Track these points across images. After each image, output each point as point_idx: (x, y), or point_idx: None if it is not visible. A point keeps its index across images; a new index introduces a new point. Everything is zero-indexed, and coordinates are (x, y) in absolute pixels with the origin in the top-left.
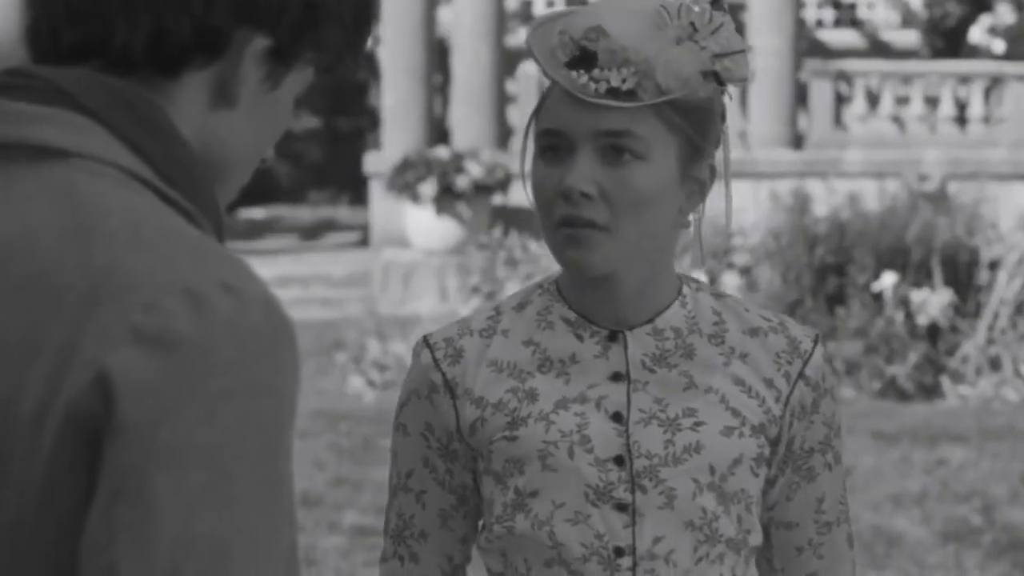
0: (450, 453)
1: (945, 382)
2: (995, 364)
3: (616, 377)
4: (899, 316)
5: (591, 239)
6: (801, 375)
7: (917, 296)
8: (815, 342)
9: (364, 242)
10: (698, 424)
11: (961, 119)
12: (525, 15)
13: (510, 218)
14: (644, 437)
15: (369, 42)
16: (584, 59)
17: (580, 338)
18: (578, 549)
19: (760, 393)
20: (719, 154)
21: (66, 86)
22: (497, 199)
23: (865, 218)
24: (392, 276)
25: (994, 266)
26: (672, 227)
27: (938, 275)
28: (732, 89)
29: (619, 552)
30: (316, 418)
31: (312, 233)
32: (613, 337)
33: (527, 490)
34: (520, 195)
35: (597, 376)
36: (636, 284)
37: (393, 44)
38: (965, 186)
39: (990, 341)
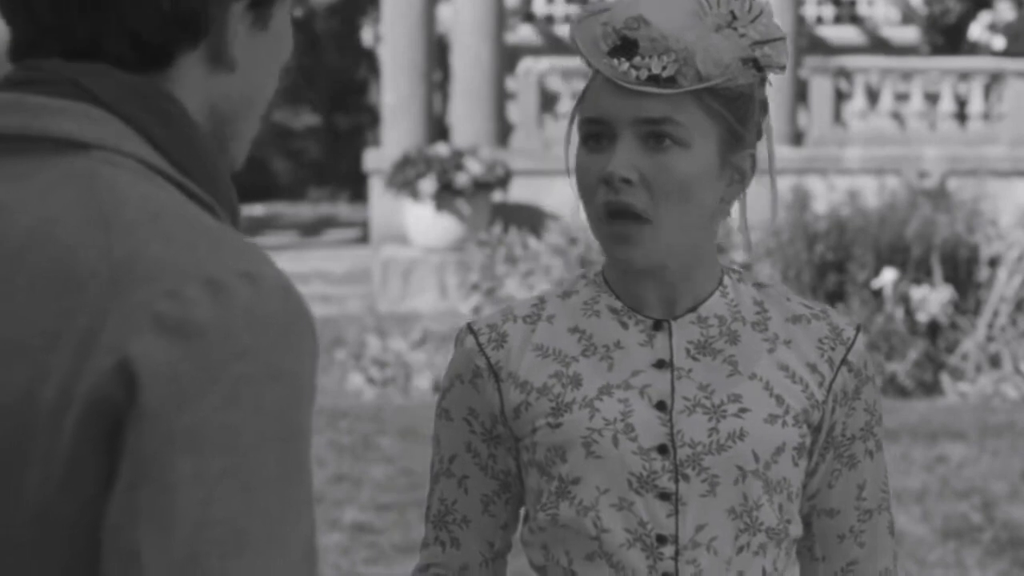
0: (494, 438)
1: (945, 379)
2: (995, 361)
3: (660, 365)
4: (899, 313)
5: (635, 236)
6: (844, 361)
7: (917, 293)
8: (857, 330)
9: (364, 239)
10: (743, 411)
11: (961, 116)
12: (525, 12)
13: (510, 215)
14: (688, 426)
15: (369, 40)
16: (625, 47)
17: (625, 326)
18: (622, 535)
19: (804, 378)
20: (762, 147)
21: (83, 80)
22: (497, 196)
23: (865, 215)
24: (392, 273)
25: (994, 263)
26: (712, 215)
27: (938, 272)
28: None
29: (661, 540)
30: (316, 415)
31: (312, 230)
32: (658, 326)
33: (570, 477)
34: (520, 192)
35: (641, 363)
36: (680, 273)
37: (393, 41)
38: (965, 183)
39: (990, 338)
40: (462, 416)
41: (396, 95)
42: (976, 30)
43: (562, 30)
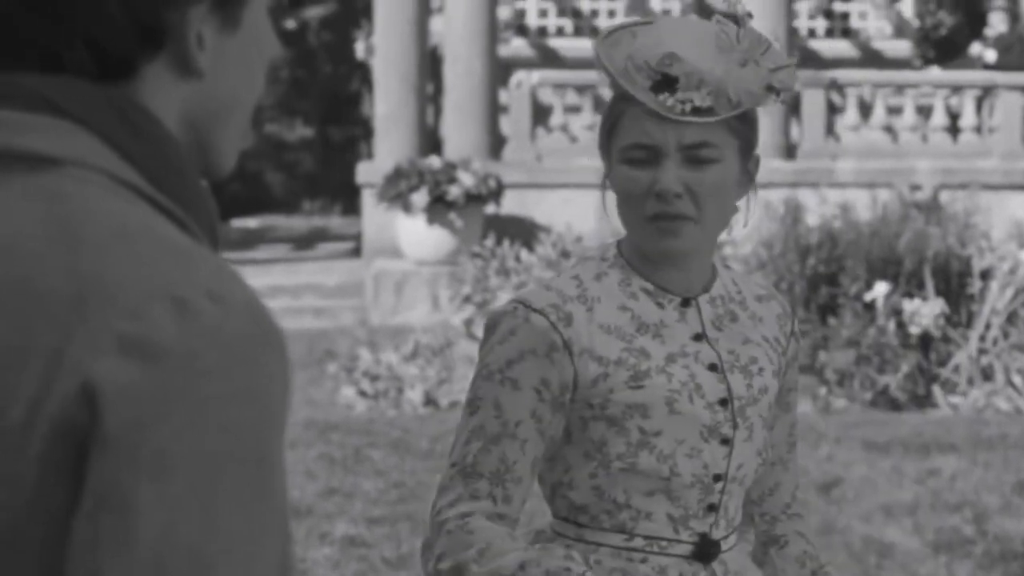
0: (559, 405)
1: (937, 392)
2: (987, 374)
3: (697, 337)
4: (891, 326)
5: (681, 229)
6: (793, 332)
7: (909, 306)
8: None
9: (357, 252)
10: (761, 370)
11: (953, 129)
12: (518, 25)
13: (502, 228)
14: (734, 382)
15: (362, 52)
16: (666, 82)
17: (661, 306)
18: (688, 479)
19: (776, 348)
20: None
21: (52, 93)
22: (489, 209)
23: (857, 228)
24: (384, 286)
25: (986, 276)
26: (732, 213)
27: (930, 285)
28: None
29: (717, 478)
30: (307, 428)
31: (305, 243)
32: (685, 303)
33: (652, 431)
34: (512, 204)
35: (683, 337)
36: (700, 261)
37: (386, 53)
38: (957, 196)
39: (982, 351)
40: (532, 386)
41: (388, 107)
42: (976, 47)
43: (555, 43)
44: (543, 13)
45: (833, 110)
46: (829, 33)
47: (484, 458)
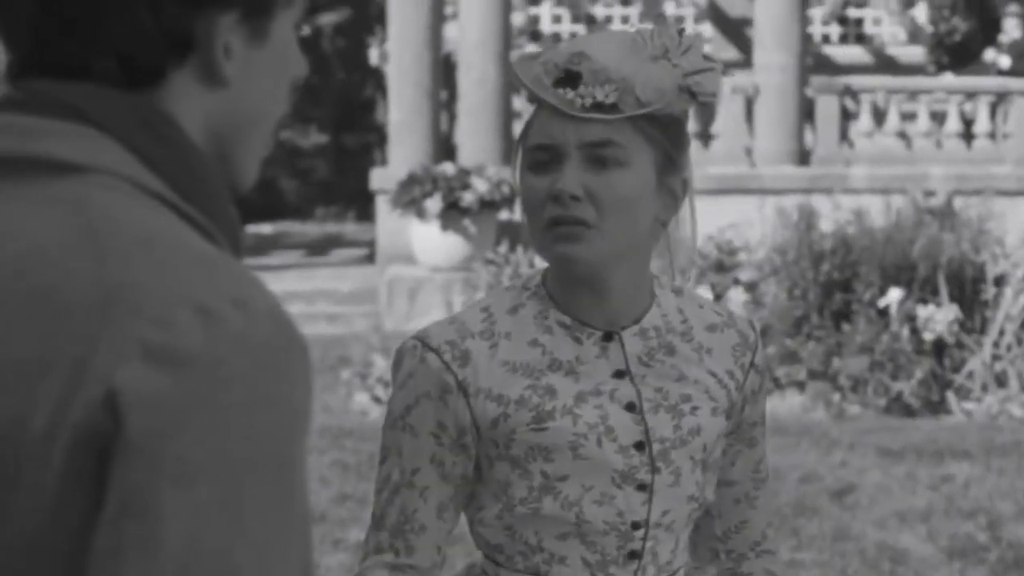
0: (460, 447)
1: (951, 398)
2: (1001, 380)
3: (619, 374)
4: (905, 332)
5: (581, 235)
6: (752, 364)
7: (923, 312)
8: (755, 331)
9: (370, 258)
10: (695, 409)
11: (967, 135)
12: (531, 31)
13: (516, 234)
14: (656, 424)
15: (376, 59)
16: (569, 79)
17: (579, 341)
18: (601, 525)
19: (726, 383)
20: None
21: (77, 100)
22: (503, 215)
23: (871, 234)
24: (398, 292)
25: (1000, 282)
26: (649, 233)
27: (944, 291)
28: (737, 106)
29: (635, 526)
30: (321, 434)
31: (319, 249)
32: (608, 337)
33: (556, 475)
34: None
35: (602, 374)
36: (622, 288)
37: (400, 60)
38: (971, 202)
39: (996, 357)
40: (429, 431)
41: (402, 114)
42: (991, 54)
43: None
44: (557, 19)
45: (847, 116)
46: (843, 39)
47: (388, 509)
